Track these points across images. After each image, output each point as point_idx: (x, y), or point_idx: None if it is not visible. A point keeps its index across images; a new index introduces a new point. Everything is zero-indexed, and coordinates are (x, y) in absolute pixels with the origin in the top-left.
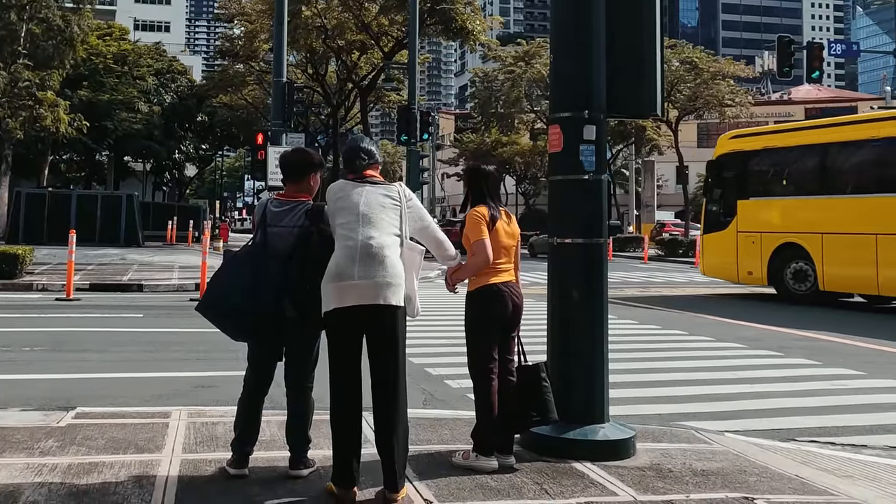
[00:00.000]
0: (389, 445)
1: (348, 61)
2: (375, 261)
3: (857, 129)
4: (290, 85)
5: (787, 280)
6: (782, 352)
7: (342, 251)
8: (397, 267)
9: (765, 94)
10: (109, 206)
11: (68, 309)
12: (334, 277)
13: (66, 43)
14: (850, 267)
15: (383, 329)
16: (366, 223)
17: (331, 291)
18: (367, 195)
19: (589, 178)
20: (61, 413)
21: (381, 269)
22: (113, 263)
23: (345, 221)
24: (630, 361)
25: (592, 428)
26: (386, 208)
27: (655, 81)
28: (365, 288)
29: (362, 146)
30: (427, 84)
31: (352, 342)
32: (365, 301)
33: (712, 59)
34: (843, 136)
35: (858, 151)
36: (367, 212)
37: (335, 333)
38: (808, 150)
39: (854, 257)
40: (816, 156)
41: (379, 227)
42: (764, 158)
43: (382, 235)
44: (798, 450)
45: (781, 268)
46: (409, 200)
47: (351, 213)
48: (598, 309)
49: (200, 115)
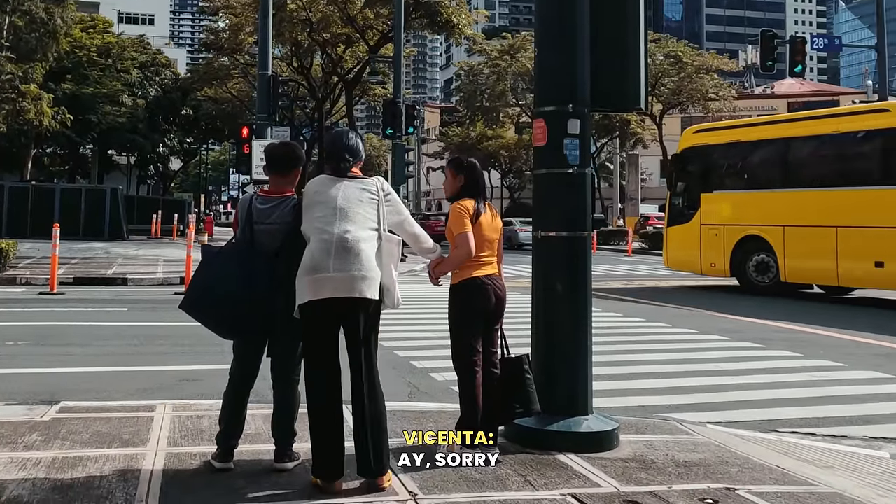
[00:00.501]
0: (367, 433)
1: (333, 55)
2: (351, 254)
3: (818, 124)
4: (276, 78)
5: (750, 272)
6: (764, 344)
7: (317, 244)
8: (373, 260)
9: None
10: (93, 199)
11: (52, 303)
12: (309, 270)
13: (50, 35)
14: (810, 259)
15: (357, 321)
16: (342, 217)
17: (306, 284)
18: (345, 189)
19: (573, 171)
20: (45, 407)
21: (356, 263)
22: (97, 257)
23: (321, 215)
24: (614, 354)
25: (576, 420)
26: (363, 202)
27: (640, 75)
28: (340, 281)
29: (347, 144)
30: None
31: (327, 334)
32: (340, 294)
33: (696, 54)
34: (805, 130)
35: (820, 146)
36: (345, 206)
37: (310, 326)
38: (770, 144)
39: (815, 249)
40: (778, 150)
41: (355, 221)
42: (727, 152)
43: (359, 229)
44: (779, 441)
45: (744, 260)
46: (386, 194)
47: (328, 206)
48: (582, 302)
49: (185, 109)
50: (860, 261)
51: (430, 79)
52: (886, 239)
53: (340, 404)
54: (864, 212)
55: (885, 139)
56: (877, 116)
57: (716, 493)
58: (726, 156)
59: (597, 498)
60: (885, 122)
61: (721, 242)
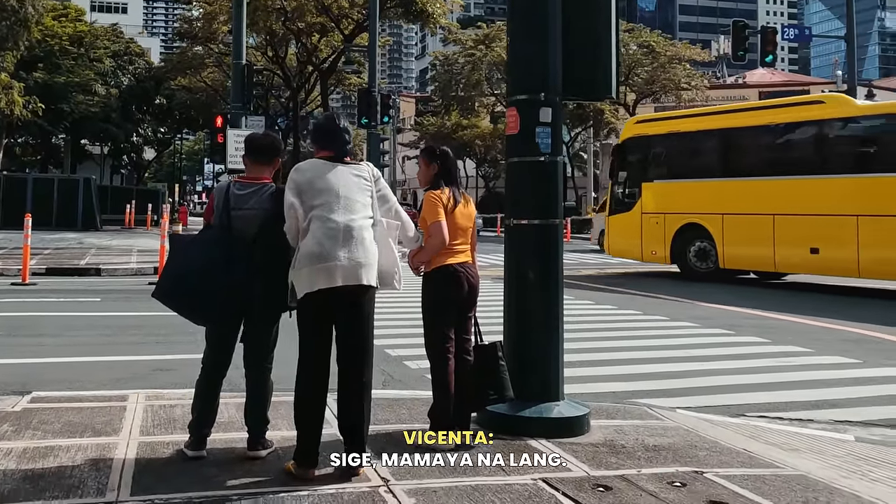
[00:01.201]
0: (359, 422)
1: (308, 44)
2: (356, 242)
3: (756, 116)
4: (250, 67)
5: (690, 259)
6: (734, 330)
7: (323, 232)
8: (373, 248)
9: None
10: (66, 189)
11: (24, 294)
12: (317, 259)
13: (21, 24)
14: (748, 246)
15: (361, 308)
16: (346, 206)
17: (314, 273)
18: (343, 176)
19: (545, 159)
20: (17, 398)
21: (361, 250)
22: (70, 247)
23: (323, 203)
24: (587, 341)
25: (547, 406)
26: (362, 190)
27: (611, 64)
28: (350, 269)
29: (346, 127)
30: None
31: (329, 323)
32: (350, 282)
33: (669, 44)
34: (744, 121)
35: (758, 136)
36: (347, 194)
37: (314, 315)
38: (710, 134)
39: (753, 237)
40: (717, 140)
41: (357, 210)
42: (668, 143)
43: (361, 218)
44: (747, 425)
45: (684, 247)
46: (377, 181)
47: (330, 194)
48: (554, 289)
49: (159, 98)
50: (796, 247)
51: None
52: (821, 226)
53: (326, 393)
54: (800, 200)
55: (820, 130)
56: (812, 108)
57: (684, 476)
58: (667, 146)
59: (567, 482)
60: (820, 113)
61: (662, 231)
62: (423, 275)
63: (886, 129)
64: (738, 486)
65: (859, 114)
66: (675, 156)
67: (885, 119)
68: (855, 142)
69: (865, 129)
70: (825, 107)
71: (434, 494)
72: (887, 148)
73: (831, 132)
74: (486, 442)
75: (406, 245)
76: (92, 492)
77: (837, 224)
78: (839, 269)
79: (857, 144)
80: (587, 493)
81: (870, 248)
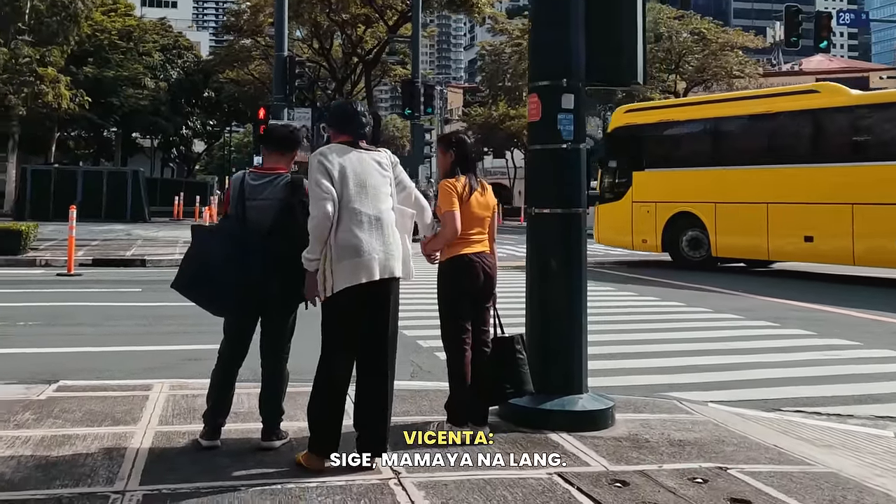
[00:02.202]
0: (385, 413)
1: (353, 36)
2: (387, 234)
3: (750, 105)
4: (292, 59)
5: (683, 247)
6: (779, 322)
7: (356, 224)
8: (399, 238)
9: (776, 65)
10: (115, 182)
11: (68, 284)
12: (357, 252)
13: (71, 19)
14: (742, 234)
15: (389, 300)
16: (374, 196)
17: (356, 267)
18: (367, 164)
19: (567, 147)
20: (43, 386)
21: (393, 242)
22: (118, 239)
23: (353, 192)
24: (627, 333)
25: (570, 399)
26: (385, 178)
27: (636, 49)
28: (385, 262)
29: (364, 111)
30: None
31: (359, 317)
32: (386, 275)
33: (721, 30)
34: (737, 110)
35: (752, 125)
36: (374, 183)
37: (348, 307)
38: (702, 123)
39: (746, 225)
40: (710, 129)
41: (384, 199)
42: (659, 131)
43: (388, 208)
44: (781, 420)
45: (676, 236)
46: (395, 167)
47: (358, 183)
48: (577, 280)
49: (207, 91)
50: (790, 236)
51: (454, 59)
52: (816, 215)
53: (349, 383)
54: (794, 189)
55: (815, 119)
56: (808, 97)
57: (707, 472)
58: (658, 135)
59: (583, 477)
60: (815, 102)
61: (653, 219)
62: (438, 264)
63: (881, 118)
64: (762, 483)
65: (854, 103)
66: (667, 144)
67: (879, 108)
68: (850, 131)
69: (860, 118)
70: (820, 96)
71: (445, 488)
72: (882, 137)
73: (826, 121)
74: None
75: (422, 231)
76: (101, 481)
77: (832, 212)
78: (834, 257)
79: (852, 133)
80: (603, 488)
81: (865, 236)
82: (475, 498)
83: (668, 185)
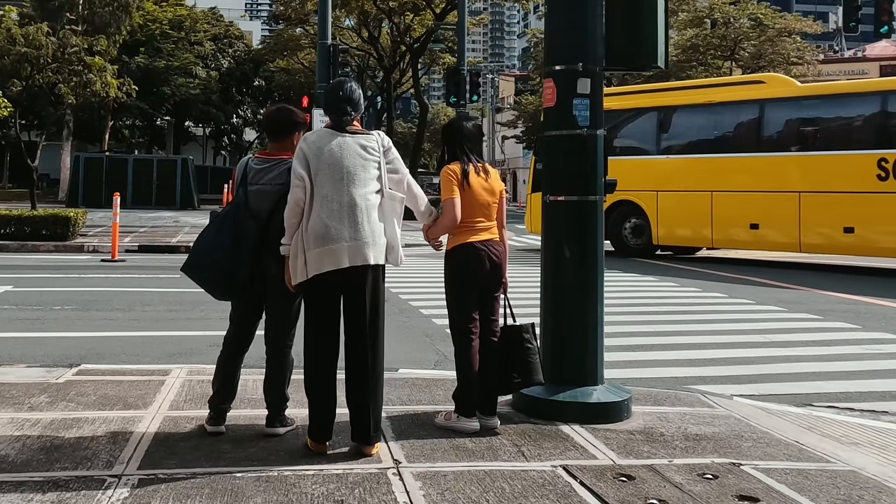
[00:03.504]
0: (366, 401)
1: (401, 24)
2: (361, 220)
3: (695, 94)
4: (335, 47)
5: (626, 235)
6: (822, 315)
7: (327, 212)
8: (380, 225)
9: (838, 51)
10: (165, 169)
11: (110, 270)
12: (323, 240)
13: (122, 9)
14: (684, 222)
15: (366, 288)
16: (349, 181)
17: (321, 255)
18: (348, 148)
19: (583, 133)
20: (64, 370)
21: (367, 228)
22: (165, 226)
23: (327, 178)
24: (665, 324)
25: (584, 390)
26: (368, 161)
27: (656, 31)
28: (356, 249)
29: (349, 95)
30: (490, 46)
31: (336, 304)
32: (357, 262)
33: (779, 16)
34: (683, 99)
35: (696, 114)
36: (352, 169)
37: (320, 296)
38: (644, 112)
39: (689, 214)
40: (652, 118)
41: (362, 184)
42: (626, 118)
43: (366, 193)
44: (809, 415)
45: (617, 224)
46: (387, 151)
47: (334, 168)
48: (592, 268)
49: (258, 80)
50: (735, 225)
51: (507, 47)
52: (762, 203)
53: (336, 371)
54: (739, 177)
55: (761, 109)
56: (753, 87)
57: (718, 468)
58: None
59: (588, 470)
60: (760, 92)
61: None
62: (445, 252)
63: (826, 109)
64: (775, 480)
65: (800, 94)
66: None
67: (824, 99)
68: (796, 121)
69: (806, 109)
70: (766, 87)
71: (443, 479)
72: (827, 127)
73: (772, 112)
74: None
75: (419, 219)
76: (101, 464)
77: (778, 201)
78: (780, 244)
79: (798, 124)
80: (607, 482)
81: (811, 224)
82: (472, 489)
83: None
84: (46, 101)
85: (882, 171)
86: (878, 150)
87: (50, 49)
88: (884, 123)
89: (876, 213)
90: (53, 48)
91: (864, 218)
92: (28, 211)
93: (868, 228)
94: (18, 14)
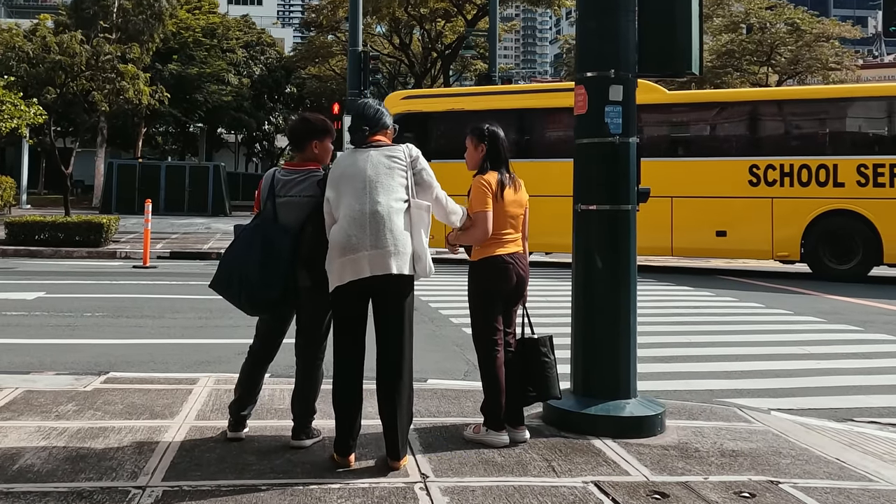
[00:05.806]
0: (394, 415)
1: (433, 31)
2: (384, 229)
3: (545, 98)
4: (366, 54)
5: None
6: (863, 327)
7: (349, 221)
8: (405, 234)
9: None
10: (197, 176)
11: (141, 276)
12: (344, 250)
13: (156, 17)
14: None
15: (390, 298)
16: (372, 189)
17: (344, 265)
18: (372, 159)
19: (616, 141)
20: (92, 378)
21: (390, 238)
22: (197, 232)
23: (351, 189)
24: (701, 335)
25: (617, 403)
26: (393, 171)
27: (690, 37)
28: (377, 258)
29: (364, 113)
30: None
31: (362, 314)
32: (378, 272)
33: (816, 21)
34: (508, 104)
35: (538, 119)
36: (374, 177)
37: (345, 307)
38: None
39: None
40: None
41: (385, 192)
42: (443, 121)
43: (390, 201)
44: (850, 431)
45: None
46: (414, 160)
47: (357, 179)
48: (625, 279)
49: (289, 87)
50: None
51: (539, 53)
52: None
53: (362, 384)
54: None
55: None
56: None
57: (756, 486)
58: (442, 125)
59: (621, 487)
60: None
61: None
62: (469, 264)
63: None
64: (815, 499)
65: (667, 101)
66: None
67: (691, 107)
68: (664, 127)
69: (673, 115)
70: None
71: (472, 494)
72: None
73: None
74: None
75: (443, 222)
76: (125, 475)
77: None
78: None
79: (666, 130)
80: (640, 500)
81: (682, 229)
82: None
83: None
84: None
85: (754, 178)
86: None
87: (84, 57)
88: None
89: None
90: (87, 56)
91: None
92: (61, 217)
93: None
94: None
